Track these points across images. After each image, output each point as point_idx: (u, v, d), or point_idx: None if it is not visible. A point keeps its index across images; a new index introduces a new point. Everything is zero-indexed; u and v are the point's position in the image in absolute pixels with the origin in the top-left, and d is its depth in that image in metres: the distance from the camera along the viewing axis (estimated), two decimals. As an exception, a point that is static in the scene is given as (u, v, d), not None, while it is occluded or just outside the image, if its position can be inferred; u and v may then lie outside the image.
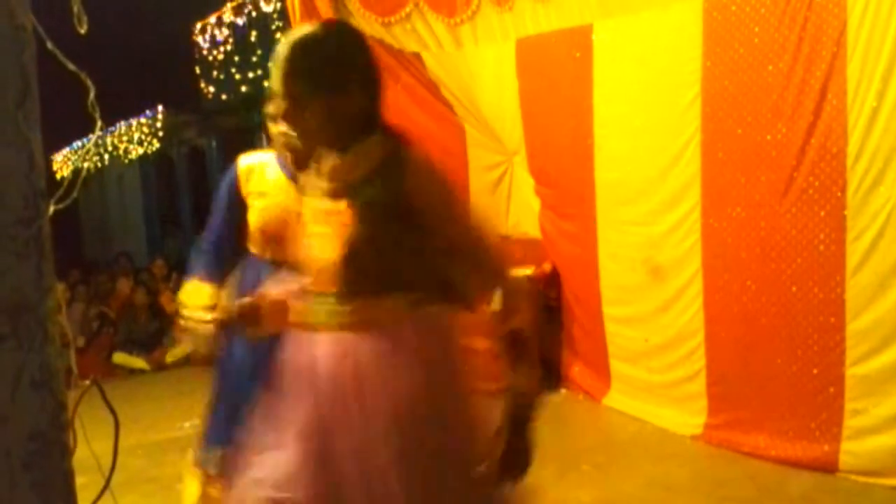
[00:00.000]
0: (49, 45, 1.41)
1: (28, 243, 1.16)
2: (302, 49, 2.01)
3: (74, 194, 1.38)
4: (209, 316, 2.80)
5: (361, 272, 2.04)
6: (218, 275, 3.17)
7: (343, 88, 2.01)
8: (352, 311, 2.06)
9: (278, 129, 3.01)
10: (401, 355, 2.04)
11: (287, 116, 2.06)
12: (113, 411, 1.57)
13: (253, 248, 3.18)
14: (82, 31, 1.43)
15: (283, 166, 3.17)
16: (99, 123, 1.46)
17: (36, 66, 1.19)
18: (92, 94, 1.44)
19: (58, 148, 23.61)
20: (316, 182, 2.17)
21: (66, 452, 1.22)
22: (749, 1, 4.22)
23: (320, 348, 2.09)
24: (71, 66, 1.41)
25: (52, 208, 1.26)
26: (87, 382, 1.47)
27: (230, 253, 3.23)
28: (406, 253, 2.05)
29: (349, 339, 2.06)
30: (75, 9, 1.41)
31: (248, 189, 3.19)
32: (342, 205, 2.07)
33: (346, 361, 2.05)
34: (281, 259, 2.97)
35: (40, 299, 1.19)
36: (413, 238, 2.04)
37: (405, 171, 2.03)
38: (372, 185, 2.04)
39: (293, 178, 3.08)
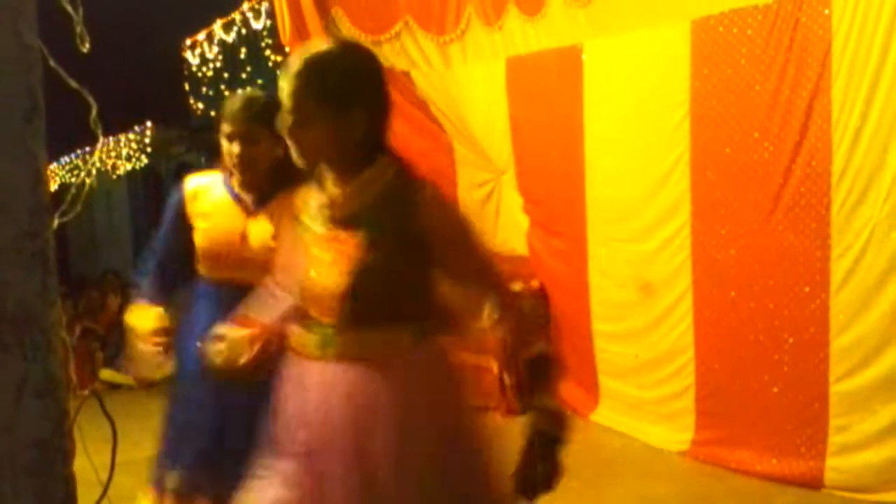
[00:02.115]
0: (52, 62, 1.43)
1: (34, 256, 1.19)
2: (313, 65, 1.99)
3: (78, 208, 1.40)
4: (155, 340, 2.88)
5: (365, 303, 2.01)
6: (164, 296, 3.12)
7: (349, 109, 1.99)
8: (350, 343, 2.03)
9: (230, 148, 2.98)
10: (397, 388, 2.01)
11: (291, 132, 2.03)
12: (111, 421, 1.59)
13: (201, 270, 3.12)
14: (84, 50, 1.46)
15: (229, 188, 3.10)
16: (101, 140, 1.49)
17: (42, 84, 1.22)
18: (94, 112, 1.47)
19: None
20: (317, 205, 2.12)
21: (67, 459, 1.24)
22: (736, 22, 4.28)
23: (313, 378, 2.06)
24: (73, 84, 1.44)
25: (56, 222, 1.29)
26: (86, 393, 1.49)
27: (175, 274, 3.16)
28: (411, 284, 2.04)
29: (344, 370, 2.02)
30: (78, 29, 1.44)
31: (194, 210, 3.12)
32: (345, 233, 2.03)
33: (338, 393, 2.01)
34: (227, 280, 2.98)
35: (45, 311, 1.21)
36: (419, 269, 2.03)
37: (416, 203, 2.01)
38: (378, 215, 2.01)
39: (238, 200, 3.05)
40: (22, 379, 1.19)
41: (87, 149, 21.71)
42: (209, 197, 3.11)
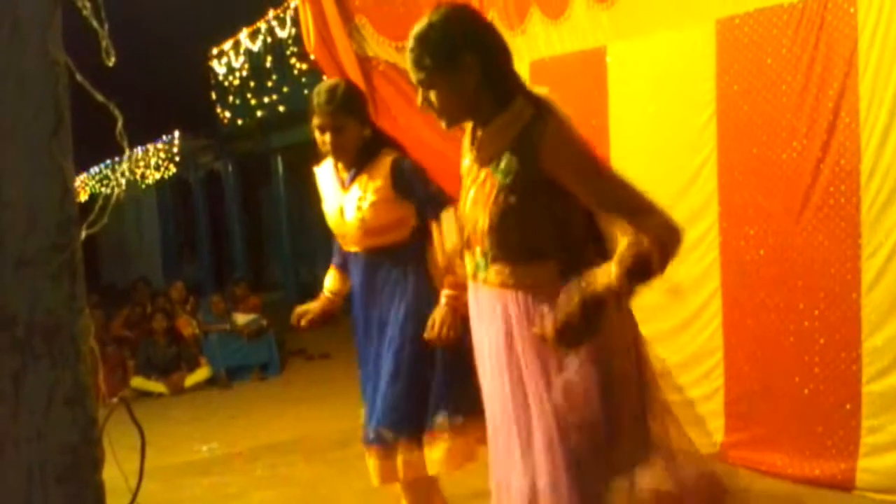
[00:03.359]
0: (78, 77, 1.45)
1: (62, 267, 1.22)
2: (416, 40, 2.25)
3: (105, 220, 1.42)
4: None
5: (506, 241, 2.23)
6: (342, 265, 3.72)
7: (455, 65, 2.21)
8: (498, 273, 2.28)
9: (322, 138, 3.35)
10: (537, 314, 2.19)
11: (423, 101, 2.29)
12: (139, 428, 1.61)
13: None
14: (110, 64, 1.48)
15: (331, 172, 3.52)
16: (128, 152, 1.52)
17: (69, 97, 1.25)
18: (120, 124, 1.49)
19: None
20: (469, 141, 2.38)
21: (96, 466, 1.26)
22: (761, 21, 4.26)
23: (473, 298, 2.38)
24: (100, 97, 1.46)
25: (84, 233, 1.30)
26: (115, 401, 1.51)
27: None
28: (550, 222, 2.21)
29: (495, 293, 2.28)
30: (104, 43, 1.46)
31: (322, 195, 3.59)
32: (485, 174, 2.26)
33: (486, 313, 2.31)
34: (353, 252, 3.50)
35: (73, 320, 1.24)
36: (555, 207, 2.20)
37: (539, 141, 2.17)
38: (509, 158, 2.20)
39: (339, 180, 3.46)
40: (52, 387, 1.22)
41: (117, 158, 21.97)
42: (324, 182, 3.58)
